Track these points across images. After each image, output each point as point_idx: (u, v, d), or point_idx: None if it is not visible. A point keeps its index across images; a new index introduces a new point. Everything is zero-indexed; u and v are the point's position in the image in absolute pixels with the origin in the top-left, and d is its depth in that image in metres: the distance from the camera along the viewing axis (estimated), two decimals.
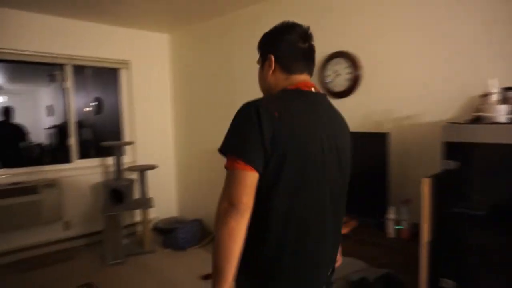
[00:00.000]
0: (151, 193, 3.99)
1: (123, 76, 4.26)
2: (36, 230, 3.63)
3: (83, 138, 4.33)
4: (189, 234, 3.79)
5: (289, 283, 1.10)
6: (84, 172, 3.89)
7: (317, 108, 1.16)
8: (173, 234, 3.76)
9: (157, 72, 4.43)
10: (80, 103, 4.44)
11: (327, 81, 2.79)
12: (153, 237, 3.91)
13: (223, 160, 1.06)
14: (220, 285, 1.00)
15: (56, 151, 5.61)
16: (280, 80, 1.19)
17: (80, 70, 3.99)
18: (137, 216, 4.25)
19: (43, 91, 7.34)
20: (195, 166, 4.31)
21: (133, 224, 4.20)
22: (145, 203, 3.72)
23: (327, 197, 1.13)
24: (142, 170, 3.73)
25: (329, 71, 2.78)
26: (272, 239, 1.06)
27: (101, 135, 4.53)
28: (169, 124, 4.58)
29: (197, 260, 3.54)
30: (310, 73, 1.23)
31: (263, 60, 1.23)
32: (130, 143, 4.03)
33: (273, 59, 1.18)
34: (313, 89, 1.18)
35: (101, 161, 4.05)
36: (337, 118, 1.23)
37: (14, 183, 3.47)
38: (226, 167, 1.04)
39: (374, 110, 2.56)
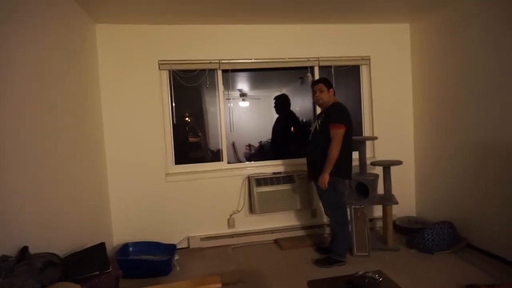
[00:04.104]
0: None
1: (364, 72, 4.34)
2: (290, 214, 4.16)
3: None
4: (439, 237, 3.47)
5: (348, 171, 3.31)
6: None
7: None
8: (419, 235, 3.54)
9: (397, 65, 4.30)
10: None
11: None
12: (393, 235, 3.79)
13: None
14: (328, 169, 3.15)
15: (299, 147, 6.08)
16: (333, 98, 3.35)
17: (324, 70, 4.25)
18: (376, 211, 4.24)
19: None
20: (441, 165, 3.93)
21: (371, 220, 4.20)
22: (390, 199, 3.64)
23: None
24: (387, 165, 3.67)
25: None
26: (345, 154, 3.20)
27: None
28: (410, 118, 4.36)
29: (449, 266, 3.22)
30: None
31: (328, 88, 3.33)
32: (374, 138, 4.04)
33: (333, 90, 3.36)
34: None
35: None
36: None
37: (275, 173, 4.07)
38: (336, 129, 3.14)
39: None
